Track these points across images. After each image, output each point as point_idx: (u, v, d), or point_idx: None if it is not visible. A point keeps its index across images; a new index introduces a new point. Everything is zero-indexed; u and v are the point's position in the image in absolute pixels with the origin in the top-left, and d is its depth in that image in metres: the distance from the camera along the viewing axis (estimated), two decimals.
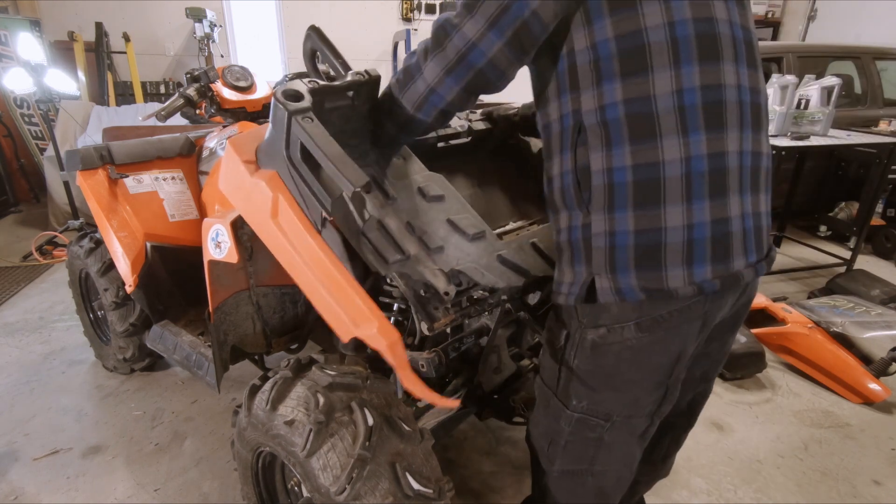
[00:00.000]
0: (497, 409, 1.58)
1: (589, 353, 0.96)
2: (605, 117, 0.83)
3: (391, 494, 0.99)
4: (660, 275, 0.85)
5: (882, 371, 2.22)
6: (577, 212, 0.91)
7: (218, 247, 1.26)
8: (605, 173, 0.85)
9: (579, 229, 0.91)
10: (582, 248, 0.91)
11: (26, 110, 4.73)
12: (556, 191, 0.95)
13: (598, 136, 0.85)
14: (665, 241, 0.84)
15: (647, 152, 0.82)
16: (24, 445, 1.93)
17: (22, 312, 2.97)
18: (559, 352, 1.01)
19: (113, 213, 1.90)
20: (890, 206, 4.00)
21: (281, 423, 1.07)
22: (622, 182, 0.84)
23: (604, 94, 0.83)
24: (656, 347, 0.93)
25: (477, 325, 1.39)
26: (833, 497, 1.74)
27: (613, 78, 0.82)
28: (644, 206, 0.83)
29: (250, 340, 1.50)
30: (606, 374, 0.96)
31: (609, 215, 0.86)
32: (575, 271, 0.93)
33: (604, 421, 1.01)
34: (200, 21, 5.16)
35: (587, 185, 0.87)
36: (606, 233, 0.87)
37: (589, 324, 0.94)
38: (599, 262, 0.89)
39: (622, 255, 0.86)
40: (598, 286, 0.89)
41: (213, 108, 1.97)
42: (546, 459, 1.12)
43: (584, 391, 0.99)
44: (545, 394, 1.08)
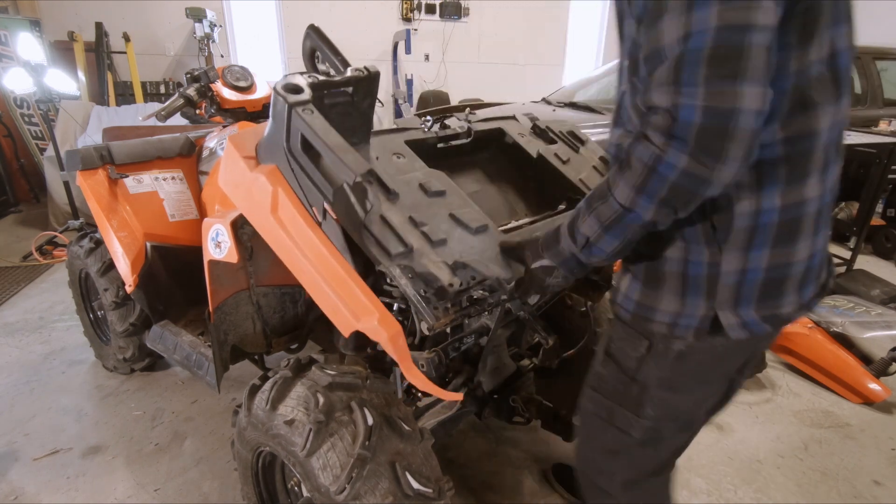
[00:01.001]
0: (497, 409, 1.58)
1: (672, 361, 0.93)
2: (762, 156, 0.76)
3: (391, 494, 0.99)
4: (777, 303, 0.85)
5: (882, 371, 2.22)
6: (699, 247, 0.85)
7: (218, 247, 1.26)
8: (751, 216, 0.80)
9: (703, 265, 0.85)
10: (704, 284, 0.86)
11: (26, 110, 4.73)
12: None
13: (748, 176, 0.78)
14: (790, 274, 0.84)
15: (796, 192, 0.79)
16: (24, 445, 1.93)
17: (22, 312, 2.97)
18: (635, 362, 0.96)
19: (113, 213, 1.90)
20: (890, 206, 4.00)
21: (281, 422, 1.07)
22: (768, 223, 0.80)
23: (763, 133, 0.75)
24: (736, 350, 0.93)
25: (477, 325, 1.39)
26: (833, 497, 1.74)
27: (775, 117, 0.74)
28: (782, 243, 0.82)
29: (250, 340, 1.50)
30: (685, 378, 0.95)
31: (745, 254, 0.82)
32: (686, 303, 0.88)
33: (672, 422, 1.00)
34: (200, 21, 5.16)
35: (726, 227, 0.81)
36: (738, 271, 0.83)
37: (662, 330, 0.91)
38: (725, 299, 0.85)
39: (748, 290, 0.84)
40: (724, 322, 0.86)
41: (213, 108, 1.98)
42: (604, 477, 1.09)
43: (658, 398, 0.97)
44: (605, 407, 1.03)
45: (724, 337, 0.87)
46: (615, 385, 1.01)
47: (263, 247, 1.32)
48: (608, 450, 1.07)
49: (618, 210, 0.76)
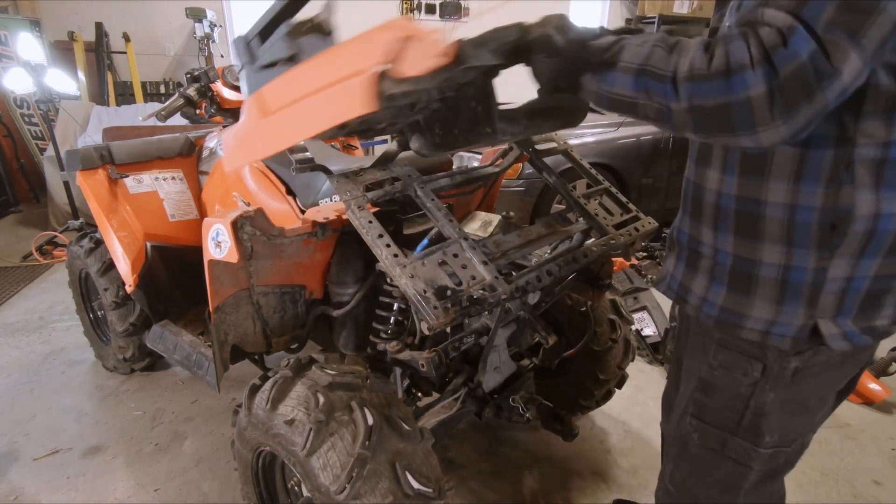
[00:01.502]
0: (497, 409, 1.58)
1: (790, 381, 0.86)
2: (888, 155, 0.71)
3: (391, 493, 0.99)
4: (874, 314, 0.81)
5: (882, 371, 2.22)
6: (806, 251, 0.78)
7: (218, 246, 1.26)
8: (871, 219, 0.74)
9: (808, 272, 0.78)
10: (805, 291, 0.80)
11: (26, 110, 4.73)
12: (770, 220, 0.79)
13: (871, 175, 0.72)
14: (893, 286, 0.80)
15: None
16: (24, 445, 1.93)
17: (22, 312, 2.97)
18: (748, 389, 0.89)
19: (113, 213, 1.90)
20: None
21: (281, 422, 1.07)
22: (887, 230, 0.74)
23: (892, 127, 0.70)
24: (851, 361, 0.88)
25: (477, 325, 1.39)
26: (833, 497, 1.74)
27: None
28: (894, 253, 0.76)
29: (250, 340, 1.50)
30: (804, 398, 0.89)
31: (856, 262, 0.77)
32: (783, 311, 0.82)
33: (787, 447, 0.93)
34: (200, 21, 5.16)
35: (843, 230, 0.75)
36: (845, 278, 0.78)
37: (792, 350, 0.84)
38: (827, 308, 0.79)
39: (850, 300, 0.79)
40: (825, 332, 0.80)
41: (213, 108, 1.98)
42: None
43: (777, 423, 0.89)
44: (714, 438, 0.95)
45: (825, 348, 0.81)
46: (725, 413, 0.92)
47: (263, 247, 1.32)
48: (723, 483, 0.98)
49: (666, 71, 0.66)
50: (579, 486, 1.75)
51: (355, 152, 2.45)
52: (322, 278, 1.54)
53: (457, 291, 1.01)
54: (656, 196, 3.88)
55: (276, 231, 1.28)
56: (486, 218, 1.50)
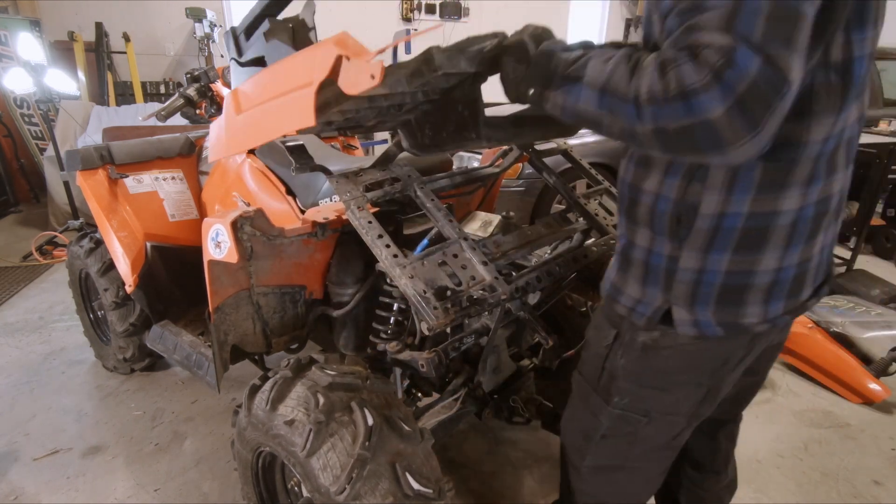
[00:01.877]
0: (497, 409, 1.58)
1: (639, 353, 0.93)
2: None
3: (391, 494, 0.99)
4: (738, 311, 0.83)
5: (882, 371, 2.22)
6: (664, 239, 0.84)
7: (218, 247, 1.26)
8: (715, 217, 0.77)
9: (663, 257, 0.84)
10: (662, 276, 0.85)
11: (26, 110, 4.73)
12: (641, 205, 0.86)
13: (721, 178, 0.75)
14: (752, 283, 0.81)
15: (769, 201, 0.76)
16: (24, 445, 1.93)
17: (22, 312, 2.97)
18: (605, 350, 0.98)
19: (113, 213, 1.90)
20: (890, 206, 3.99)
21: (281, 422, 1.07)
22: (731, 227, 0.77)
23: None
24: (707, 354, 0.91)
25: (477, 325, 1.39)
26: (833, 497, 1.74)
27: None
28: (744, 251, 0.79)
29: (250, 340, 1.50)
30: (653, 374, 0.95)
31: (704, 255, 0.80)
32: (646, 291, 0.88)
33: (642, 417, 0.99)
34: (200, 21, 5.16)
35: (688, 224, 0.80)
36: (695, 270, 0.82)
37: (642, 325, 0.91)
38: (679, 294, 0.84)
39: (706, 291, 0.82)
40: (675, 316, 0.86)
41: (213, 108, 1.98)
42: (577, 455, 1.11)
43: (627, 389, 0.97)
44: (584, 389, 1.06)
45: (673, 332, 0.87)
46: (591, 369, 1.03)
47: (263, 247, 1.32)
48: (582, 431, 1.08)
49: (628, 91, 0.66)
50: None
51: (355, 152, 2.45)
52: (322, 278, 1.54)
53: (457, 292, 1.01)
54: None
55: (275, 231, 1.28)
56: (486, 218, 1.50)
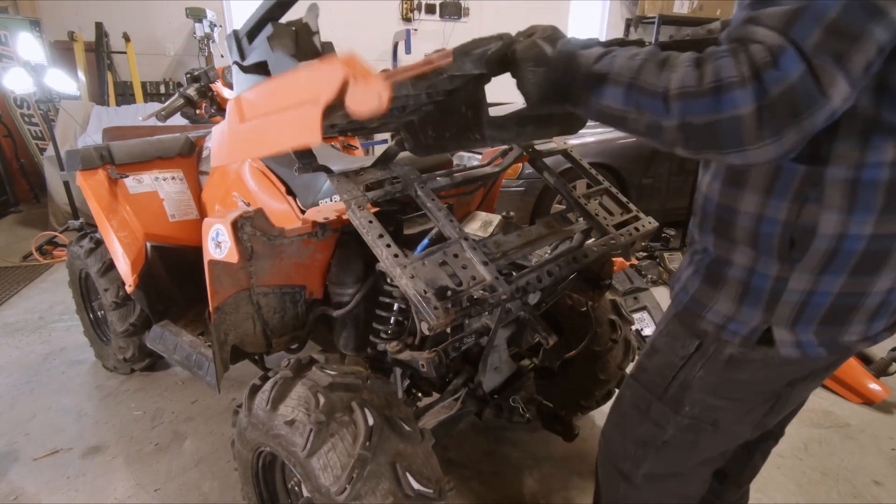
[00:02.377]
0: (497, 409, 1.58)
1: (723, 366, 0.89)
2: (862, 177, 0.69)
3: (391, 494, 0.99)
4: (841, 330, 0.80)
5: (882, 371, 2.22)
6: (770, 260, 0.79)
7: (218, 247, 1.26)
8: (835, 239, 0.73)
9: (769, 279, 0.80)
10: (765, 296, 0.81)
11: (26, 110, 4.73)
12: (738, 227, 0.82)
13: (841, 197, 0.71)
14: (862, 304, 0.78)
15: (892, 223, 0.72)
16: (24, 445, 1.93)
17: (22, 312, 2.97)
18: (681, 360, 0.94)
19: (113, 213, 1.90)
20: None
21: (281, 422, 1.07)
22: (852, 251, 0.73)
23: (870, 151, 0.68)
24: (792, 367, 0.89)
25: (477, 325, 1.39)
26: (833, 497, 1.74)
27: (889, 132, 0.67)
28: (861, 273, 0.75)
29: (250, 340, 1.50)
30: (733, 386, 0.92)
31: (817, 277, 0.76)
32: (742, 310, 0.84)
33: (710, 426, 0.96)
34: (200, 21, 5.16)
35: (804, 247, 0.75)
36: (805, 291, 0.78)
37: (710, 328, 0.88)
38: (784, 316, 0.80)
39: (812, 313, 0.79)
40: (777, 337, 0.82)
41: (213, 108, 1.98)
42: (630, 463, 1.07)
43: (700, 401, 0.94)
44: (643, 398, 1.02)
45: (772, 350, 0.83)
46: (657, 379, 0.99)
47: (263, 247, 1.32)
48: (639, 440, 1.05)
49: (657, 87, 0.65)
50: (579, 486, 1.75)
51: (355, 152, 2.45)
52: (322, 278, 1.54)
53: (457, 292, 1.01)
54: (656, 196, 3.88)
55: (276, 231, 1.28)
56: (486, 218, 1.49)
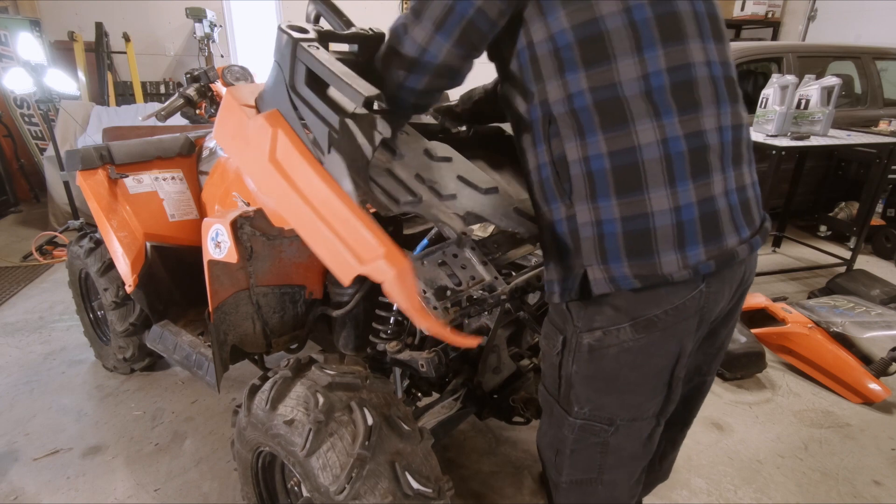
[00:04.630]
0: (497, 409, 1.58)
1: (587, 357, 0.93)
2: (573, 106, 0.83)
3: (391, 494, 0.99)
4: (653, 261, 0.84)
5: (882, 371, 2.22)
6: (558, 204, 0.89)
7: (218, 247, 1.26)
8: (581, 162, 0.84)
9: (564, 222, 0.89)
10: (570, 241, 0.89)
11: (26, 110, 4.73)
12: (535, 185, 0.94)
13: (569, 126, 0.84)
14: (654, 226, 0.83)
15: (621, 138, 0.82)
16: (24, 445, 1.93)
17: (22, 312, 2.97)
18: (557, 357, 0.99)
19: (113, 213, 1.90)
20: (890, 206, 4.00)
21: (281, 422, 1.07)
22: (601, 169, 0.83)
23: (569, 84, 0.82)
24: (654, 349, 0.91)
25: (477, 325, 1.39)
26: (833, 497, 1.74)
27: (576, 67, 0.81)
28: (626, 192, 0.83)
29: (250, 340, 1.50)
30: (606, 377, 0.94)
31: (593, 204, 0.85)
32: (564, 266, 0.91)
33: (607, 426, 0.99)
34: (200, 21, 5.16)
35: (566, 176, 0.86)
36: (593, 222, 0.86)
37: (584, 327, 0.92)
38: (589, 253, 0.87)
39: (612, 244, 0.85)
40: (591, 278, 0.87)
41: (213, 108, 1.97)
42: (554, 470, 1.10)
43: (585, 397, 0.97)
44: (548, 402, 1.06)
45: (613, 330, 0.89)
46: (550, 381, 1.03)
47: (263, 247, 1.32)
48: (552, 446, 1.07)
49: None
50: None
51: None
52: (322, 278, 1.54)
53: (456, 291, 1.01)
54: None
55: (275, 231, 1.28)
56: None
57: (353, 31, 1.03)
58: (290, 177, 0.98)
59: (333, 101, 0.92)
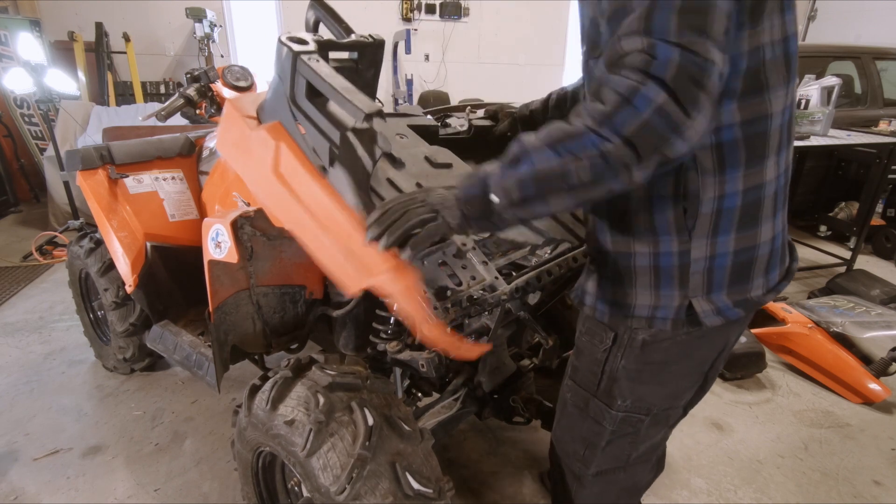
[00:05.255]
0: (497, 409, 1.58)
1: (638, 352, 0.95)
2: (721, 139, 0.78)
3: (391, 494, 0.99)
4: (746, 287, 0.88)
5: (882, 371, 2.22)
6: (670, 237, 0.85)
7: (218, 247, 1.26)
8: (715, 200, 0.81)
9: (674, 255, 0.86)
10: (675, 274, 0.87)
11: (26, 110, 4.73)
12: (633, 214, 0.87)
13: (710, 161, 0.79)
14: (756, 256, 0.87)
15: (756, 175, 0.81)
16: (24, 445, 1.93)
17: (22, 312, 2.97)
18: (604, 354, 0.99)
19: (113, 213, 1.90)
20: (890, 206, 4.00)
21: (281, 422, 1.07)
22: (731, 207, 0.82)
23: (722, 114, 0.77)
24: (702, 342, 0.95)
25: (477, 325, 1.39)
26: (833, 497, 1.74)
27: (732, 97, 0.76)
28: (746, 227, 0.84)
29: (250, 340, 1.50)
30: (653, 370, 0.97)
31: (712, 240, 0.84)
32: (661, 295, 0.89)
33: (644, 415, 1.02)
34: (200, 21, 5.16)
35: (694, 213, 0.82)
36: (707, 257, 0.85)
37: (639, 324, 0.93)
38: (697, 286, 0.87)
39: (719, 276, 0.86)
40: (698, 309, 0.87)
41: (213, 108, 1.97)
42: (580, 464, 1.11)
43: (628, 390, 0.99)
44: (582, 397, 1.06)
45: (697, 326, 0.89)
46: (589, 376, 1.04)
47: (263, 247, 1.32)
48: (584, 439, 1.09)
49: (579, 128, 0.68)
50: None
51: None
52: (322, 278, 1.54)
53: (457, 292, 1.01)
54: None
55: (275, 231, 1.28)
56: None
57: (352, 39, 1.03)
58: (295, 190, 0.98)
59: (334, 115, 0.92)
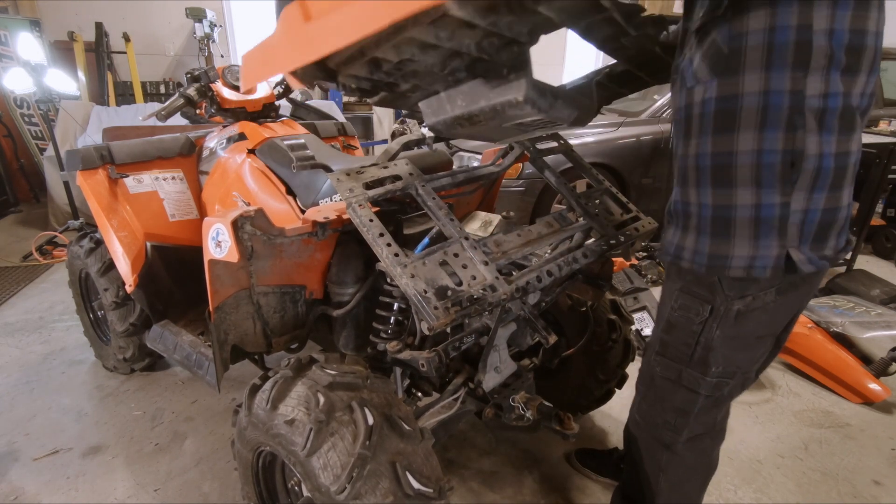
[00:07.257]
0: (497, 409, 1.58)
1: (733, 321, 1.05)
2: (828, 105, 0.89)
3: (391, 493, 0.99)
4: (824, 244, 0.98)
5: (882, 371, 2.22)
6: (773, 190, 0.94)
7: (218, 246, 1.26)
8: (818, 157, 0.91)
9: (776, 207, 0.95)
10: (775, 225, 0.96)
11: (26, 110, 4.73)
12: (739, 167, 0.95)
13: (816, 122, 0.90)
14: (837, 218, 0.98)
15: (844, 143, 0.93)
16: (24, 445, 1.93)
17: (22, 312, 2.97)
18: (699, 326, 1.08)
19: (113, 213, 1.90)
20: (890, 206, 4.00)
21: (281, 422, 1.07)
22: (828, 168, 0.92)
23: (831, 83, 0.88)
24: (784, 308, 1.06)
25: (477, 325, 1.39)
26: (833, 497, 1.74)
27: (839, 68, 0.88)
28: (835, 188, 0.95)
29: (250, 340, 1.50)
30: (743, 337, 1.07)
31: (810, 195, 0.94)
32: (760, 245, 0.97)
33: (730, 379, 1.13)
34: (200, 21, 5.16)
35: (798, 168, 0.92)
36: (803, 210, 0.95)
37: (735, 295, 1.03)
38: (793, 237, 0.96)
39: (809, 230, 0.96)
40: (795, 258, 0.96)
41: (213, 108, 1.98)
42: (672, 433, 1.21)
43: (722, 356, 1.09)
44: (673, 370, 1.16)
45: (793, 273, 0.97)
46: (682, 348, 1.13)
47: (264, 246, 1.32)
48: (678, 409, 1.19)
49: None
50: (579, 486, 1.75)
51: (355, 152, 2.45)
52: (322, 278, 1.54)
53: (457, 291, 1.01)
54: (656, 196, 3.88)
55: (276, 231, 1.28)
56: (486, 218, 1.50)
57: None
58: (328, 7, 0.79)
59: None
